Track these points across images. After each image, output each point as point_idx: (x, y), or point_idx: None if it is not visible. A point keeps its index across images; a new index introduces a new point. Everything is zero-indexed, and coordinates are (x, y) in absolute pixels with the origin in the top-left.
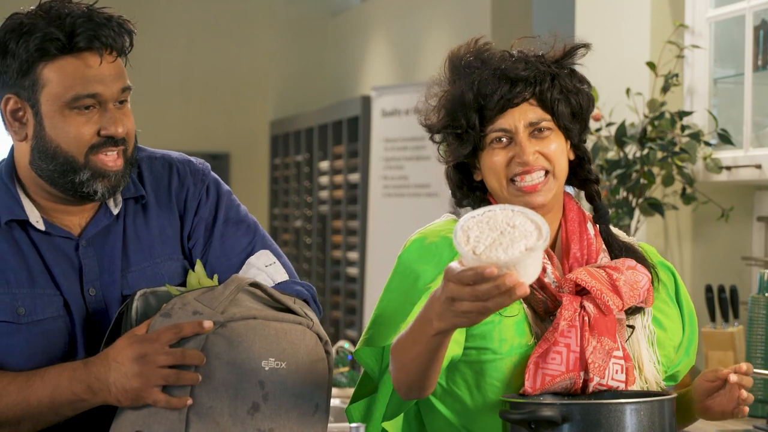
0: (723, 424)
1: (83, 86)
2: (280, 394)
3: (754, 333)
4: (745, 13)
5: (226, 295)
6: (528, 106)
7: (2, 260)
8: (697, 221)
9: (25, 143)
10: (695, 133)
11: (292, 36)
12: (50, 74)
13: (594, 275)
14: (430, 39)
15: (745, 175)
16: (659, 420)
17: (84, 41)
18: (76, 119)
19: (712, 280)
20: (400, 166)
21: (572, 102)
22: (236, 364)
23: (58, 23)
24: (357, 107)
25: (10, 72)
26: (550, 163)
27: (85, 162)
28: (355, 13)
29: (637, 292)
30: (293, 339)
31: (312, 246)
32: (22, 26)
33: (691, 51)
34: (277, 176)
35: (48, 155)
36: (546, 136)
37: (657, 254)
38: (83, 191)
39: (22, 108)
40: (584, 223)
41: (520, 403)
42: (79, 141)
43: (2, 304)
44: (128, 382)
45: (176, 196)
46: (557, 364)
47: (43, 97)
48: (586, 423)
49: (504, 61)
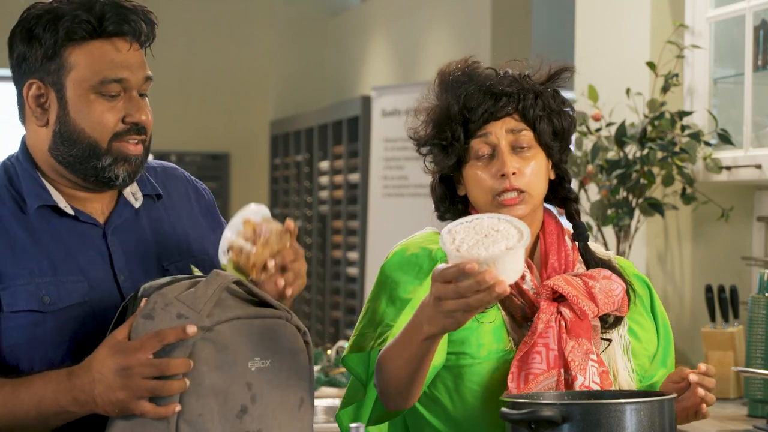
0: (723, 424)
1: (111, 70)
2: (266, 393)
3: (754, 333)
4: (745, 13)
5: (209, 295)
6: (510, 119)
7: (23, 250)
8: (697, 221)
9: (45, 129)
10: (695, 133)
11: (292, 36)
12: (77, 58)
13: (570, 282)
14: (430, 39)
15: (745, 175)
16: (659, 420)
17: (113, 25)
18: (101, 105)
19: (712, 280)
20: (400, 166)
21: (554, 121)
22: (224, 369)
23: (86, 8)
24: (357, 107)
25: (35, 57)
26: (526, 184)
27: (108, 148)
28: (355, 13)
29: (612, 299)
30: (275, 335)
31: (312, 246)
32: (49, 12)
33: (691, 51)
34: (277, 176)
35: (71, 140)
36: (526, 155)
37: (633, 268)
38: (105, 176)
39: (45, 93)
40: (562, 236)
41: (520, 403)
42: (103, 127)
43: (27, 293)
44: (113, 394)
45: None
46: (538, 363)
47: (69, 81)
48: (586, 423)
49: (490, 77)
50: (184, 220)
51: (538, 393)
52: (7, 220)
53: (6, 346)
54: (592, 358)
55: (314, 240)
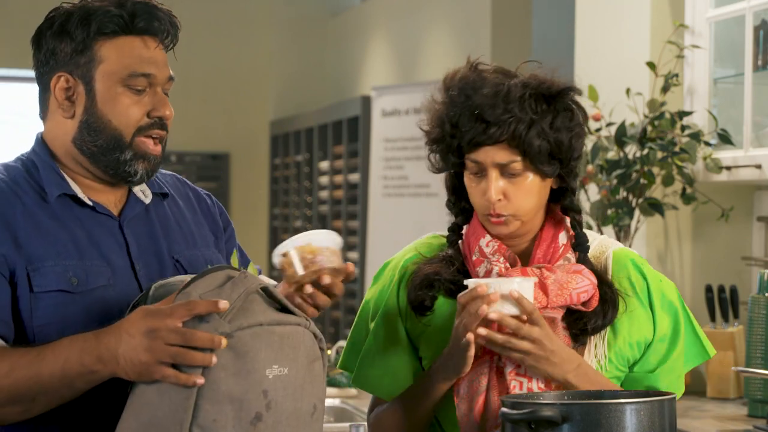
0: (723, 424)
1: (139, 65)
2: (281, 400)
3: (754, 333)
4: (745, 13)
5: (234, 299)
6: (499, 147)
7: (50, 234)
8: (697, 221)
9: (71, 120)
10: (695, 133)
11: (292, 36)
12: (108, 52)
13: (526, 273)
14: (430, 39)
15: (745, 175)
16: (659, 420)
17: (143, 23)
18: (128, 98)
19: (712, 280)
20: (400, 166)
21: (551, 145)
22: (242, 375)
23: (118, 4)
24: (357, 107)
25: (64, 52)
26: (514, 206)
27: (131, 142)
28: (355, 13)
29: (566, 292)
30: (294, 342)
31: None
32: (81, 9)
33: (691, 51)
34: (277, 176)
35: (97, 130)
36: (516, 179)
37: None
38: (124, 170)
39: (73, 86)
40: (557, 234)
41: (520, 403)
42: (128, 119)
43: (55, 274)
44: (137, 355)
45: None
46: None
47: (99, 73)
48: (586, 423)
49: (486, 99)
50: (188, 219)
51: (538, 393)
52: (31, 207)
53: (37, 326)
54: None
55: None
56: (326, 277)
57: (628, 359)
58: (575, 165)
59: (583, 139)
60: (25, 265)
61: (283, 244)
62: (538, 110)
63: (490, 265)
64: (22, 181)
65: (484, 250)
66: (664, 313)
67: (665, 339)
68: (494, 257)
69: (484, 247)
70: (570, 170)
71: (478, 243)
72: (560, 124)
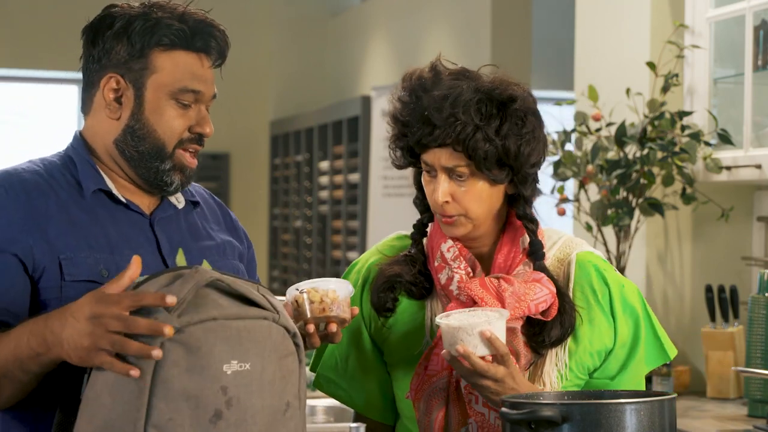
0: (723, 424)
1: (191, 81)
2: (244, 397)
3: (754, 333)
4: (745, 13)
5: (184, 294)
6: (446, 149)
7: (83, 227)
8: (697, 221)
9: (117, 122)
10: (695, 133)
11: (292, 36)
12: (163, 63)
13: (485, 285)
14: (430, 39)
15: (745, 175)
16: (659, 420)
17: (202, 42)
18: (174, 111)
19: (712, 280)
20: None
21: (498, 148)
22: (196, 372)
23: (181, 19)
24: (357, 107)
25: (120, 54)
26: (461, 209)
27: (171, 153)
28: (355, 13)
29: (524, 304)
30: (258, 337)
31: (312, 246)
32: (145, 16)
33: (691, 51)
34: (277, 176)
35: (141, 137)
36: (463, 181)
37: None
38: (162, 179)
39: (123, 89)
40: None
41: (520, 403)
42: (172, 131)
43: (86, 265)
44: (80, 339)
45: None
46: (434, 364)
47: (150, 82)
48: (586, 423)
49: (435, 102)
50: (216, 230)
51: (538, 393)
52: (66, 201)
53: None
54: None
55: (314, 240)
56: (334, 326)
57: (588, 367)
58: (531, 172)
59: (536, 146)
60: (57, 255)
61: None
62: (485, 115)
63: (451, 273)
64: (59, 175)
65: (446, 256)
66: (625, 319)
67: (625, 345)
68: (455, 263)
69: (445, 253)
70: (524, 177)
71: (440, 248)
72: (507, 131)
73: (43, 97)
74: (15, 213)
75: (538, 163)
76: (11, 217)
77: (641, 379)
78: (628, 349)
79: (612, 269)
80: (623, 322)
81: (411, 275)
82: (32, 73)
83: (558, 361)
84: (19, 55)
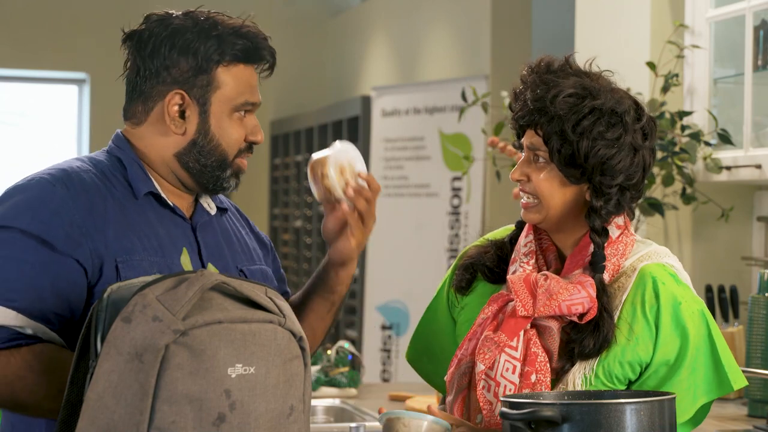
0: (723, 424)
1: (251, 94)
2: (248, 400)
3: (754, 333)
4: (745, 13)
5: (189, 296)
6: (534, 132)
7: (138, 229)
8: (697, 221)
9: (181, 137)
10: (695, 133)
11: (292, 36)
12: (227, 78)
13: (528, 280)
14: (430, 39)
15: (745, 175)
16: (659, 420)
17: (258, 54)
18: (237, 123)
19: (712, 280)
20: (400, 166)
21: (572, 144)
22: (200, 374)
23: (240, 34)
24: (357, 107)
25: (185, 69)
26: (532, 189)
27: (231, 162)
28: (355, 13)
29: (554, 303)
30: (262, 340)
31: (312, 246)
32: (206, 33)
33: (691, 51)
34: (277, 176)
35: (207, 151)
36: (541, 165)
37: (661, 275)
38: (221, 186)
39: (188, 105)
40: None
41: (520, 403)
42: (234, 143)
43: (142, 268)
44: None
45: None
46: (464, 349)
47: (215, 97)
48: (586, 423)
49: (538, 84)
50: (243, 236)
51: (538, 393)
52: (122, 201)
53: None
54: (508, 352)
55: (314, 240)
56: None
57: (617, 377)
58: (611, 185)
59: (618, 156)
60: (114, 257)
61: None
62: (571, 110)
63: (518, 267)
64: (111, 175)
65: (521, 249)
66: (673, 336)
67: (668, 364)
68: (525, 258)
69: (521, 247)
70: (598, 187)
71: (520, 240)
72: (585, 129)
73: (43, 97)
74: (76, 213)
75: (615, 175)
76: (72, 218)
77: (691, 406)
78: (669, 369)
79: (675, 284)
80: (669, 339)
81: (491, 260)
82: (32, 73)
83: (586, 365)
84: (19, 55)
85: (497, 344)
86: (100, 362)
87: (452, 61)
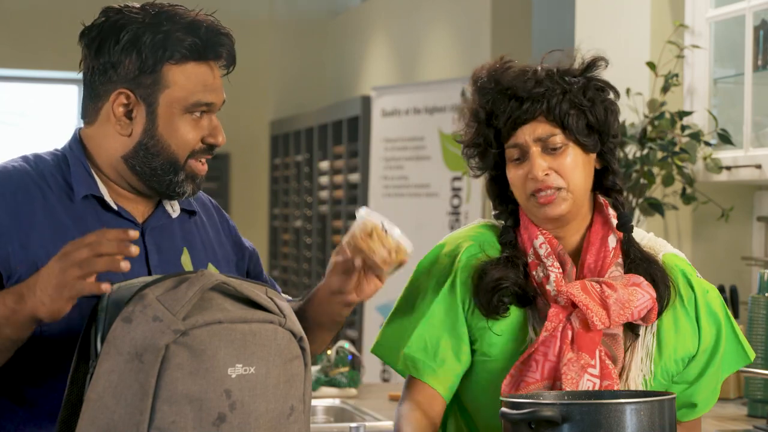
0: (723, 424)
1: (204, 94)
2: (248, 400)
3: (754, 333)
4: (745, 13)
5: (189, 296)
6: (538, 122)
7: (67, 234)
8: (697, 221)
9: (127, 138)
10: (695, 133)
11: (292, 36)
12: (176, 77)
13: (587, 290)
14: (430, 39)
15: (745, 175)
16: (659, 420)
17: (213, 52)
18: (188, 123)
19: (712, 280)
20: (400, 166)
21: (587, 115)
22: (200, 374)
23: (191, 30)
24: (357, 107)
25: (129, 69)
26: (564, 179)
27: (184, 164)
28: (355, 13)
29: (628, 311)
30: (263, 341)
31: (312, 246)
32: (154, 29)
33: (691, 51)
34: (277, 176)
35: (154, 153)
36: (560, 152)
37: (682, 265)
38: (175, 190)
39: (134, 105)
40: (606, 237)
41: (520, 403)
42: (186, 144)
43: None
44: (49, 279)
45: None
46: (533, 371)
47: (163, 98)
48: (586, 423)
49: (516, 79)
50: (212, 239)
51: (538, 393)
52: (54, 205)
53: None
54: (590, 372)
55: (314, 240)
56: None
57: (672, 373)
58: (614, 144)
59: (617, 117)
60: (36, 262)
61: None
62: (569, 82)
63: (546, 271)
64: (49, 176)
65: (539, 252)
66: (709, 325)
67: (707, 351)
68: (548, 261)
69: (538, 249)
70: (610, 148)
71: (533, 244)
72: (593, 96)
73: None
74: None
75: (617, 135)
76: None
77: (718, 385)
78: (708, 355)
79: (695, 273)
80: (707, 328)
81: (517, 280)
82: (32, 73)
83: (644, 367)
84: (19, 55)
85: (582, 367)
86: (100, 362)
87: (452, 61)
